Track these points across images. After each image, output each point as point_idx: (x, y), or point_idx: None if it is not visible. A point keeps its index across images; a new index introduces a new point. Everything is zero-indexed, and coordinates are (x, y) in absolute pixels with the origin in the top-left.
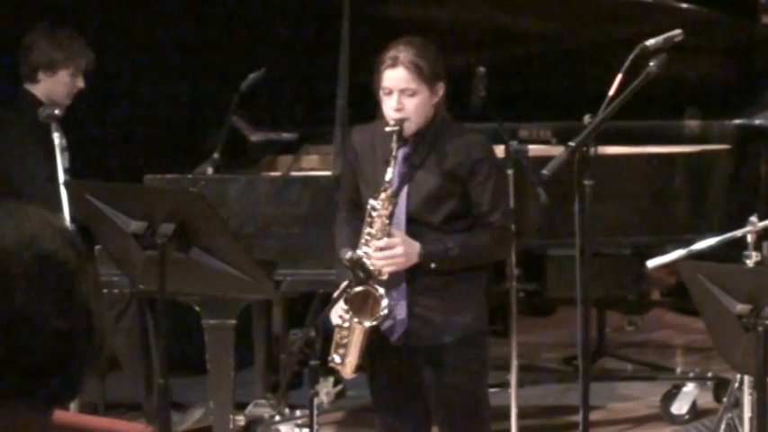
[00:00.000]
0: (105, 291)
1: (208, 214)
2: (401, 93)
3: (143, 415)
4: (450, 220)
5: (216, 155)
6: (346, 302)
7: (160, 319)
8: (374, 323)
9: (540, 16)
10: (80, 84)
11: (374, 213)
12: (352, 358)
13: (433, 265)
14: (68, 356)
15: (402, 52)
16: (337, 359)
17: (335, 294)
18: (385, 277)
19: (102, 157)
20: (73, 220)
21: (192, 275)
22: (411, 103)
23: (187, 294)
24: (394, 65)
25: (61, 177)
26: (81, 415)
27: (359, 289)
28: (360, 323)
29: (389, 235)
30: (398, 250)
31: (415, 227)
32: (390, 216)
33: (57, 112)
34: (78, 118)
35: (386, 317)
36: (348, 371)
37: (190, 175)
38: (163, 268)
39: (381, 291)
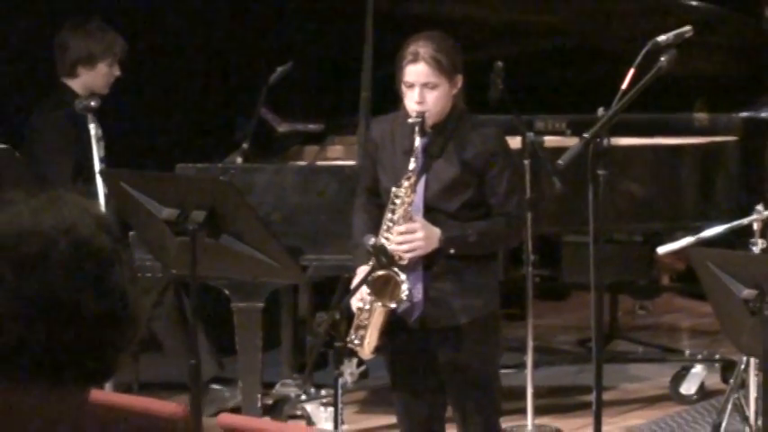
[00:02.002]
0: (139, 275)
1: (237, 202)
2: (423, 86)
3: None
4: (465, 208)
5: (245, 145)
6: (368, 285)
7: (192, 302)
8: (394, 306)
9: (555, 13)
10: (116, 72)
11: (397, 201)
12: (371, 339)
13: (452, 251)
14: (104, 340)
15: (422, 47)
16: (356, 340)
17: (358, 280)
18: (405, 262)
19: (137, 147)
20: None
21: (222, 261)
22: (432, 96)
23: (217, 279)
24: (415, 60)
25: (97, 166)
26: (116, 394)
27: (381, 273)
28: (382, 306)
29: (410, 221)
30: (419, 235)
31: (431, 214)
32: (410, 204)
33: (93, 103)
34: (113, 110)
35: (405, 300)
36: (367, 351)
37: (220, 165)
38: (194, 254)
39: (403, 276)
